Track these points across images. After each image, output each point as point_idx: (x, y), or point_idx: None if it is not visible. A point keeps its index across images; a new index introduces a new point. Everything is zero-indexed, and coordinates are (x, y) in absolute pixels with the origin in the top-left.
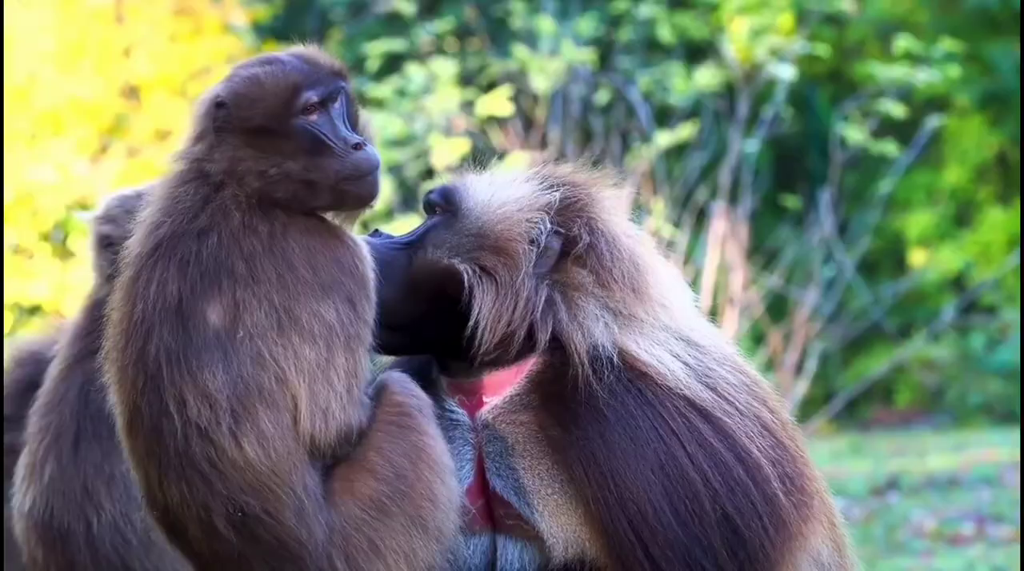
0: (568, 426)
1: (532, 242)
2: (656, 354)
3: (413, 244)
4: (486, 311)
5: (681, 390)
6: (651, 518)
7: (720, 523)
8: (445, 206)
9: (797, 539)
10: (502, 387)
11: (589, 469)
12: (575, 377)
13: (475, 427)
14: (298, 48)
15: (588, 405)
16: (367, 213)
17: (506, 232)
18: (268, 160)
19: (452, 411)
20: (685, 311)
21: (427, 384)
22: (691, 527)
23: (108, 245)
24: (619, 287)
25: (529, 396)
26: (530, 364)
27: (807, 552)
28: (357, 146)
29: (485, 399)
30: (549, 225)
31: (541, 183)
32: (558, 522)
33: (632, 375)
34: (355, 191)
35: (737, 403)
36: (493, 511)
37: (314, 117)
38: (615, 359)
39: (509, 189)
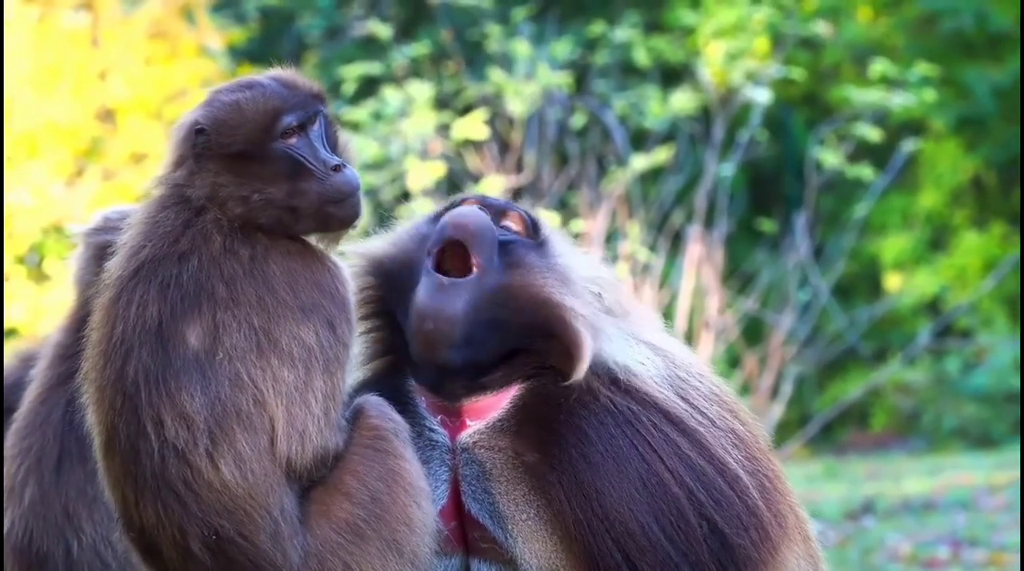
0: (550, 449)
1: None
2: (632, 357)
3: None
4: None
5: (655, 399)
6: (639, 536)
7: (707, 537)
8: (532, 233)
9: (780, 551)
10: (486, 412)
11: (571, 491)
12: (557, 398)
13: (454, 449)
14: (276, 71)
15: (569, 424)
16: (348, 235)
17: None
18: (249, 186)
19: (433, 430)
20: (650, 323)
21: (404, 404)
22: (679, 543)
23: (104, 256)
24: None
25: (511, 421)
26: (514, 390)
27: (786, 565)
28: (336, 168)
29: (469, 422)
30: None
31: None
32: (531, 548)
33: (613, 386)
34: (338, 214)
35: (709, 413)
36: (467, 534)
37: (293, 141)
38: (595, 367)
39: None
